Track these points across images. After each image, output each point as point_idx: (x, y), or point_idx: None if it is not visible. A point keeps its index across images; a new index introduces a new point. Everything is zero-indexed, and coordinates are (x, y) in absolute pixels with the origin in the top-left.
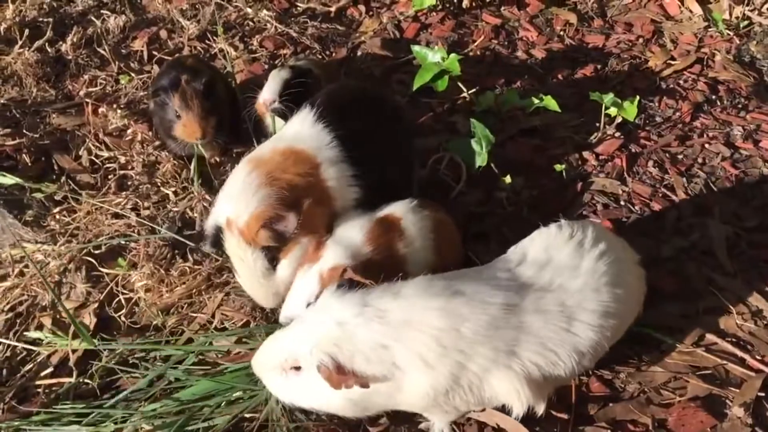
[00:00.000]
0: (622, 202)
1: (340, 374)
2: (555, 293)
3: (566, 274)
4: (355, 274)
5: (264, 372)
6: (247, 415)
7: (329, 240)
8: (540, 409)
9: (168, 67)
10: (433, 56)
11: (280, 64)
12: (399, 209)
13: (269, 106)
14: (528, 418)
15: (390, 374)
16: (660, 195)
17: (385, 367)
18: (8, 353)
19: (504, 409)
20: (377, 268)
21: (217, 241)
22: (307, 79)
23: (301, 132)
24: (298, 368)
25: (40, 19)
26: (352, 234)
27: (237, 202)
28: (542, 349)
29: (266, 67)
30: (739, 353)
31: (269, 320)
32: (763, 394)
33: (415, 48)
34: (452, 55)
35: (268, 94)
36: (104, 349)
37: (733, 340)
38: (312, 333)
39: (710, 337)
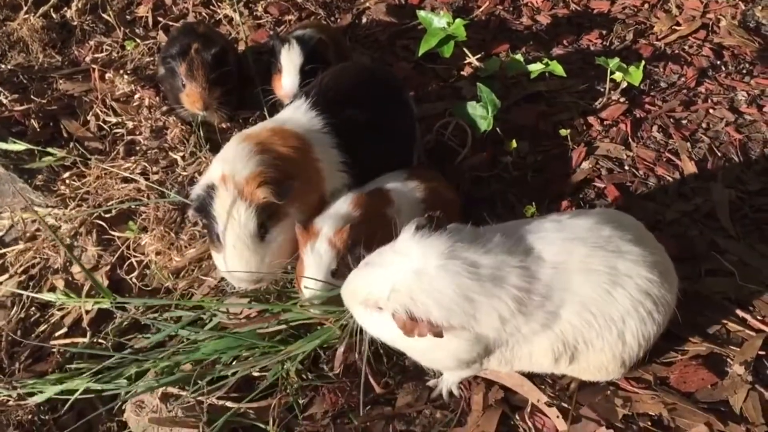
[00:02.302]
0: (627, 167)
1: (413, 323)
2: (607, 252)
3: (628, 238)
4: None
5: (351, 305)
6: (256, 374)
7: (317, 219)
8: (563, 367)
9: (179, 34)
10: (438, 22)
11: (284, 31)
12: (387, 182)
13: (291, 98)
14: (533, 374)
15: (468, 326)
16: (664, 159)
17: (466, 319)
18: (22, 314)
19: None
20: (370, 231)
21: (204, 203)
22: (316, 52)
23: (293, 117)
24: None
25: None
26: (338, 206)
27: (233, 162)
28: (582, 309)
29: (271, 33)
30: (741, 313)
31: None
32: (763, 353)
33: (421, 13)
34: (458, 20)
35: (290, 88)
36: (117, 310)
37: (735, 300)
38: (390, 278)
39: (712, 298)
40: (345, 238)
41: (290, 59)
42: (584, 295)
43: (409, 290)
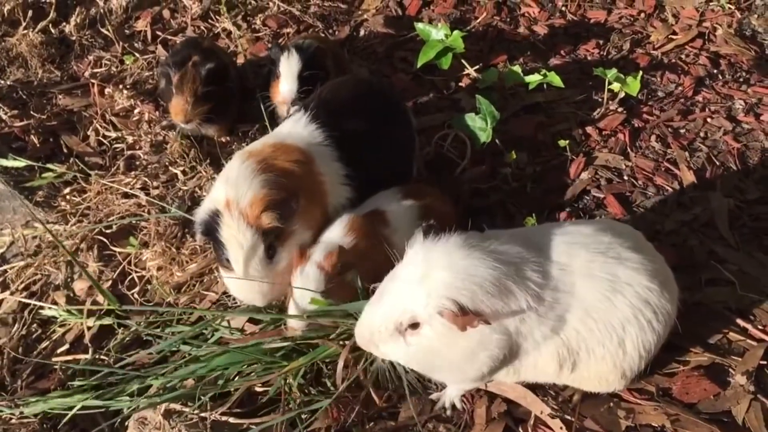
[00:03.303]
0: (626, 177)
1: (464, 315)
2: (607, 258)
3: (628, 245)
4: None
5: (375, 342)
6: (259, 389)
7: (312, 248)
8: (565, 375)
9: (182, 46)
10: (436, 33)
11: (283, 42)
12: (382, 202)
13: (289, 104)
14: (536, 387)
15: (504, 313)
16: (663, 169)
17: (504, 304)
18: (24, 331)
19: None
20: (365, 254)
21: (210, 228)
22: (315, 59)
23: (294, 131)
24: (414, 326)
25: (43, 0)
26: (332, 231)
27: (237, 185)
28: (584, 315)
29: (269, 46)
30: (742, 323)
31: None
32: (765, 363)
33: (419, 25)
34: (455, 32)
35: (287, 94)
36: (119, 326)
37: (736, 310)
38: (421, 284)
39: (713, 308)
40: (335, 261)
41: (288, 66)
42: (587, 300)
43: (447, 285)
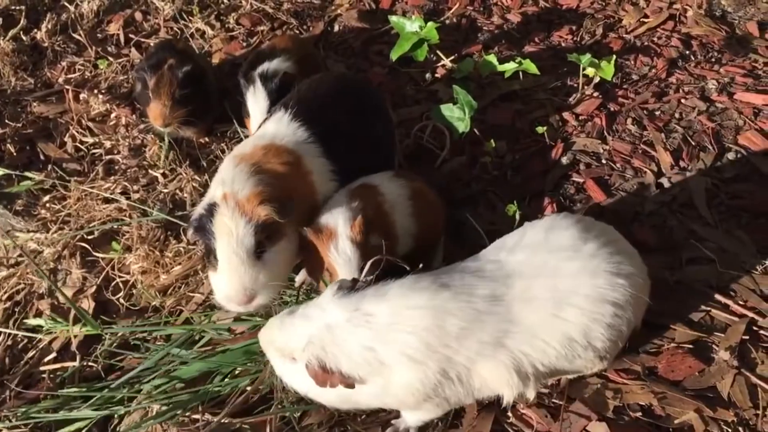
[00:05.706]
0: (604, 161)
1: (324, 374)
2: (545, 278)
3: (563, 256)
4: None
5: (268, 350)
6: (251, 389)
7: (324, 218)
8: (531, 396)
9: (157, 49)
10: (410, 26)
11: (257, 42)
12: (375, 179)
13: None
14: None
15: (377, 374)
16: (640, 151)
17: (372, 368)
18: (9, 342)
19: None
20: (372, 221)
21: (203, 225)
22: (282, 88)
23: (279, 131)
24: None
25: (12, 7)
26: (339, 200)
27: (234, 182)
28: (531, 338)
29: (244, 45)
30: (723, 299)
31: None
32: (747, 338)
33: (393, 18)
34: (429, 23)
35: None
36: (106, 333)
37: (717, 287)
38: (305, 331)
39: (694, 287)
40: (361, 231)
41: (256, 104)
42: (529, 324)
43: (321, 341)
